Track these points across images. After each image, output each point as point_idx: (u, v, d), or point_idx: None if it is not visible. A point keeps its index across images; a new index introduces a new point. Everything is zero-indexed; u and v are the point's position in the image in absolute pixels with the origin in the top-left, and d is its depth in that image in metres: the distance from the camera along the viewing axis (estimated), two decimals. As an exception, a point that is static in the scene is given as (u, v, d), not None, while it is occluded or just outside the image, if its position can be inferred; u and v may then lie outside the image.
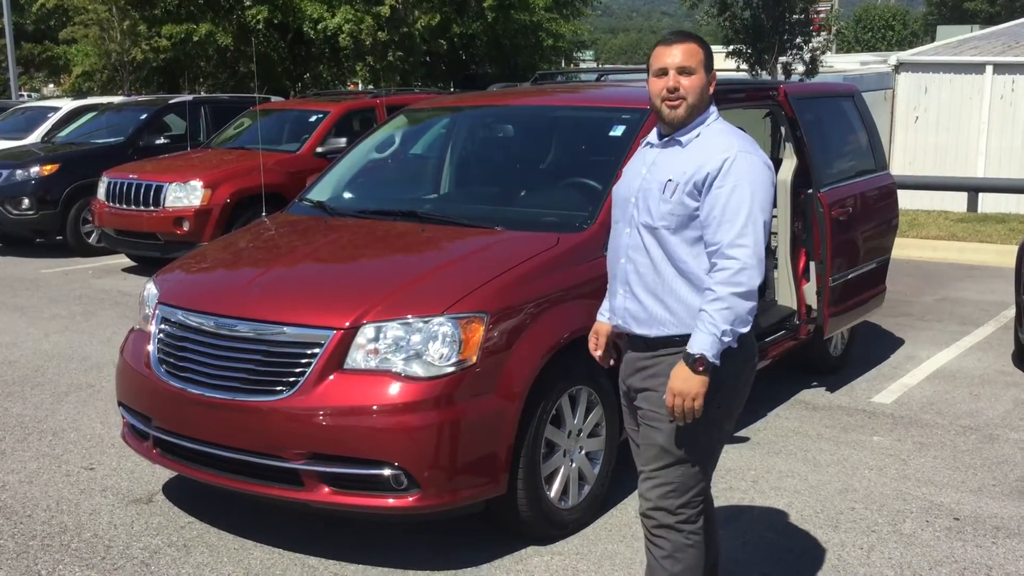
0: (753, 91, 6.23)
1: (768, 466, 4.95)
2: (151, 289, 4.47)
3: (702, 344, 2.81)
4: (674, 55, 2.96)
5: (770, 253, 6.35)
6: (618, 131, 4.92)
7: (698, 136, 2.98)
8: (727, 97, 5.63)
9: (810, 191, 5.86)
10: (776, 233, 6.21)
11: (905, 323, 7.97)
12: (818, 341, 6.10)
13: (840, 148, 6.55)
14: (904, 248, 10.50)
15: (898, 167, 17.18)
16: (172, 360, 4.10)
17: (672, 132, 3.01)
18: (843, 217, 6.01)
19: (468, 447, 3.72)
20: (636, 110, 4.97)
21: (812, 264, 5.92)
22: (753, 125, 6.89)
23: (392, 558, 3.95)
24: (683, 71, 2.96)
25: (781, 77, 20.10)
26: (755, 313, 2.87)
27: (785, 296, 6.05)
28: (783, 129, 6.08)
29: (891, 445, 5.27)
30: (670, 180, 2.94)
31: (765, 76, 20.29)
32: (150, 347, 4.22)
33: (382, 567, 3.88)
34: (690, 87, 2.95)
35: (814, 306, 5.91)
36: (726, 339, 2.82)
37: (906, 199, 12.97)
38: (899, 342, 7.40)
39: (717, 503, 4.46)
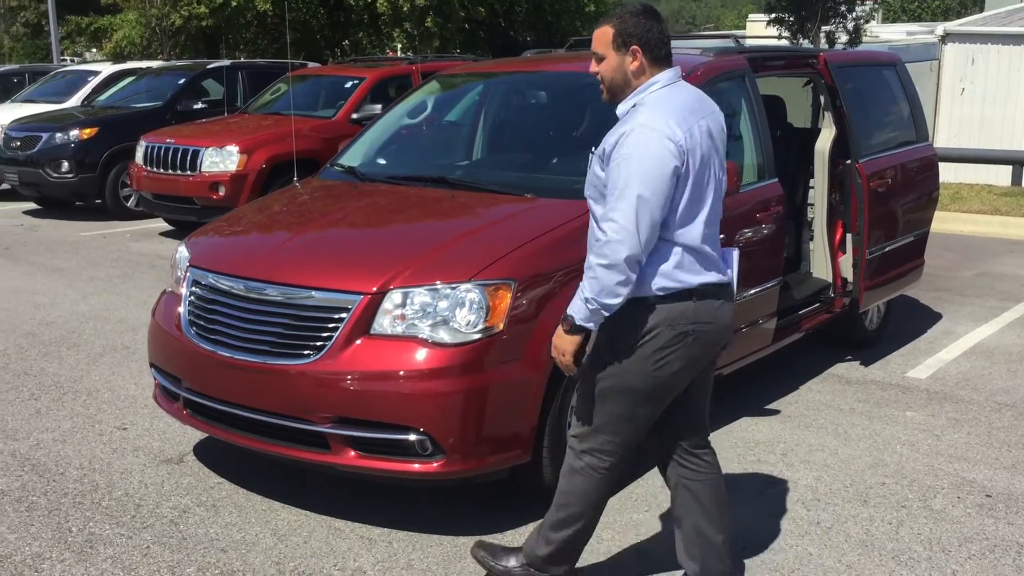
0: (793, 59, 6.12)
1: (798, 439, 4.91)
2: (183, 252, 4.50)
3: (573, 307, 3.03)
4: (592, 42, 3.16)
5: (806, 225, 6.27)
6: (652, 98, 4.84)
7: (633, 107, 3.10)
8: (764, 64, 5.55)
9: (848, 161, 5.77)
10: (812, 204, 6.12)
11: (943, 298, 7.84)
12: (853, 314, 6.02)
13: (881, 118, 6.42)
14: (946, 222, 10.33)
15: (943, 139, 16.86)
16: (202, 322, 4.13)
17: None
18: (882, 188, 5.90)
19: (494, 414, 3.71)
20: (670, 77, 4.89)
21: (849, 236, 5.83)
22: (794, 94, 6.78)
23: (417, 522, 3.97)
24: (596, 57, 3.16)
25: (824, 46, 19.76)
26: (627, 287, 2.94)
27: (820, 268, 5.97)
28: (822, 98, 5.97)
29: (924, 420, 5.20)
30: (591, 152, 3.14)
31: (807, 45, 19.96)
32: (181, 309, 4.25)
33: (407, 530, 3.90)
34: (603, 71, 3.15)
35: (850, 279, 5.83)
36: (591, 307, 2.97)
37: (950, 172, 12.75)
38: (936, 317, 7.29)
39: (745, 474, 4.45)
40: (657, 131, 2.95)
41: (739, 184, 4.57)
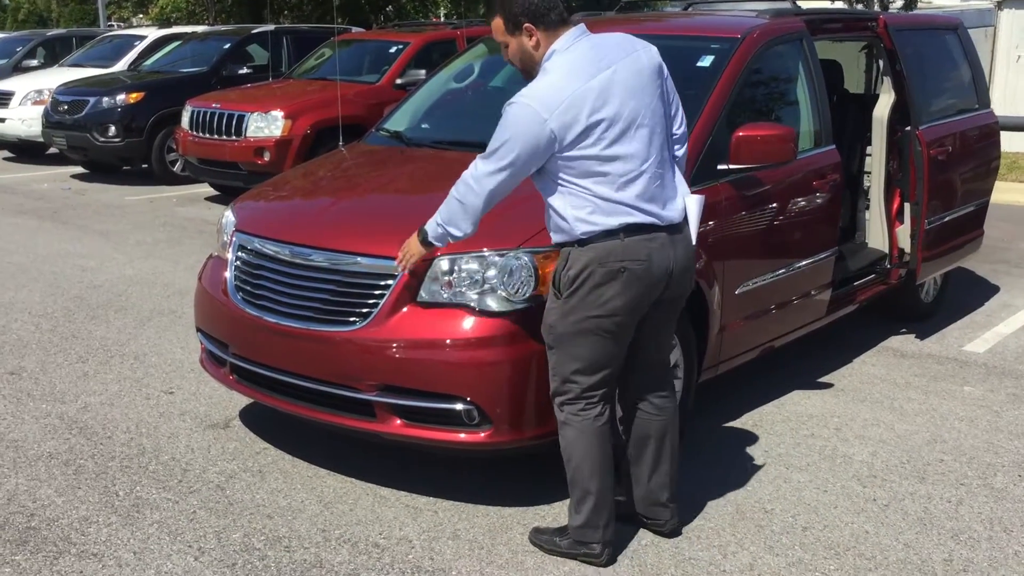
0: (851, 21, 5.94)
1: (852, 414, 4.79)
2: (229, 216, 4.46)
3: (429, 224, 3.39)
4: (493, 35, 3.35)
5: (862, 193, 6.10)
6: (706, 61, 4.70)
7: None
8: (822, 27, 5.37)
9: (908, 128, 5.58)
10: (869, 172, 5.95)
11: (1001, 270, 7.63)
12: (910, 286, 5.86)
13: (941, 84, 6.21)
14: (1002, 192, 10.01)
15: (997, 107, 16.30)
16: (248, 288, 4.09)
17: None
18: (942, 156, 5.72)
19: (542, 384, 3.63)
20: (726, 39, 4.75)
21: (907, 205, 5.66)
22: (845, 59, 6.58)
23: (463, 492, 3.92)
24: (503, 47, 3.34)
25: (877, 10, 19.27)
26: (469, 227, 3.30)
27: (877, 238, 5.81)
28: (881, 63, 5.78)
29: (983, 396, 5.05)
30: None
31: (861, 8, 19.48)
32: (227, 274, 4.22)
33: (453, 500, 3.86)
34: (511, 57, 3.33)
35: (907, 249, 5.67)
36: (438, 230, 3.35)
37: (1005, 141, 12.34)
38: (995, 289, 7.10)
39: (797, 448, 4.35)
40: (530, 108, 3.11)
41: (795, 150, 4.44)
